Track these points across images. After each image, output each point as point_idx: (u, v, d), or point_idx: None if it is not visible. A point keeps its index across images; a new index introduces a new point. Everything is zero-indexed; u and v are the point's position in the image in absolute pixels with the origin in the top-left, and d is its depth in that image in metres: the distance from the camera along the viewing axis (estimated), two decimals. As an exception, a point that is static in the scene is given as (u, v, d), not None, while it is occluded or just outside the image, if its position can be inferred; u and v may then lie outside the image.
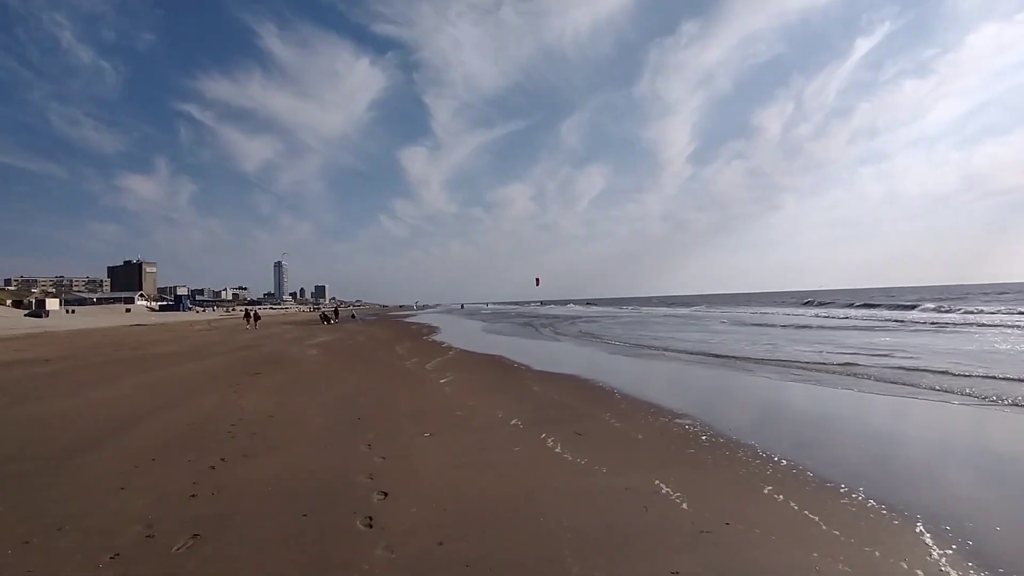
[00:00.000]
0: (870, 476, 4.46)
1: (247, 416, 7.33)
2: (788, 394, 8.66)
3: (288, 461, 5.20)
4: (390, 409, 7.75)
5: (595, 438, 5.87)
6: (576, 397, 8.47)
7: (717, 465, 4.84)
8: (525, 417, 6.98)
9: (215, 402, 8.45)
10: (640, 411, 7.29)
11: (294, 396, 9.00)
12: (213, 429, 6.59)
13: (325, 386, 10.09)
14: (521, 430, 6.31)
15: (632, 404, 7.81)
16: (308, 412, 7.58)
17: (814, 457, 5.03)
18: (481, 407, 7.72)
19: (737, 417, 6.96)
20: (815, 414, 7.27)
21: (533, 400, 8.32)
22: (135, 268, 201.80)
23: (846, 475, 4.47)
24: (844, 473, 4.53)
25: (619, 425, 6.46)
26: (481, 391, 9.22)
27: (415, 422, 6.86)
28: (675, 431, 6.14)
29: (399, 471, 4.82)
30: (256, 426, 6.72)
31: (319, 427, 6.65)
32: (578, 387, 9.57)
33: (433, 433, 6.21)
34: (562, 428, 6.31)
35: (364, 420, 6.97)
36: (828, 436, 6.02)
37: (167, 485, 4.53)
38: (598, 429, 6.30)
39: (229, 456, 5.37)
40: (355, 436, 6.14)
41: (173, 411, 7.79)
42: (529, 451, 5.41)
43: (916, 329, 20.93)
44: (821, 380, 9.45)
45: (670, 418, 6.78)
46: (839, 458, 5.07)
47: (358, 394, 9.04)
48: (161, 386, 10.40)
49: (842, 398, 8.06)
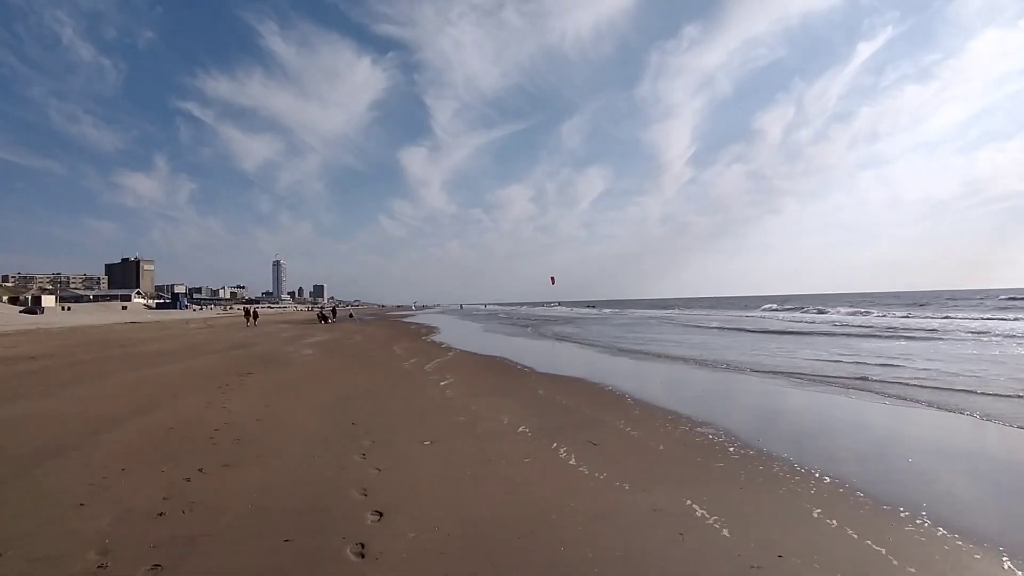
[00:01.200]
0: (927, 496, 3.96)
1: (233, 420, 6.80)
2: (806, 401, 8.14)
3: (273, 472, 4.67)
4: (387, 413, 7.23)
5: (612, 448, 5.36)
6: (585, 402, 7.95)
7: (752, 482, 4.33)
8: (532, 423, 6.47)
9: (201, 404, 7.92)
10: (656, 418, 6.78)
11: (285, 398, 8.47)
12: (195, 434, 6.06)
13: (319, 388, 9.57)
14: (530, 438, 5.80)
15: (647, 410, 7.30)
16: (299, 416, 7.06)
17: (857, 473, 4.52)
18: (484, 412, 7.21)
19: (762, 427, 6.45)
20: (839, 423, 6.75)
21: (539, 404, 7.81)
22: (133, 266, 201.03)
23: (900, 495, 3.97)
24: (897, 493, 4.03)
25: (636, 434, 5.95)
26: (484, 394, 8.70)
27: (414, 428, 6.35)
28: (698, 441, 5.62)
29: (396, 486, 4.30)
30: (241, 431, 6.20)
31: (310, 433, 6.12)
32: (586, 391, 9.05)
33: (433, 441, 5.70)
34: (574, 436, 5.80)
35: (359, 425, 6.45)
36: (862, 448, 5.50)
37: (134, 500, 4.01)
38: (614, 438, 5.78)
39: (208, 466, 4.85)
40: (348, 444, 5.62)
41: (155, 413, 7.26)
42: (540, 463, 4.90)
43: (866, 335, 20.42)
44: (830, 386, 8.95)
45: (690, 426, 6.27)
46: (884, 474, 4.55)
47: (353, 397, 8.52)
48: (146, 386, 9.86)
49: (858, 407, 7.54)
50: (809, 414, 7.32)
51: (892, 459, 5.06)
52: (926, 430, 6.34)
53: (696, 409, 7.25)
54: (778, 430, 6.30)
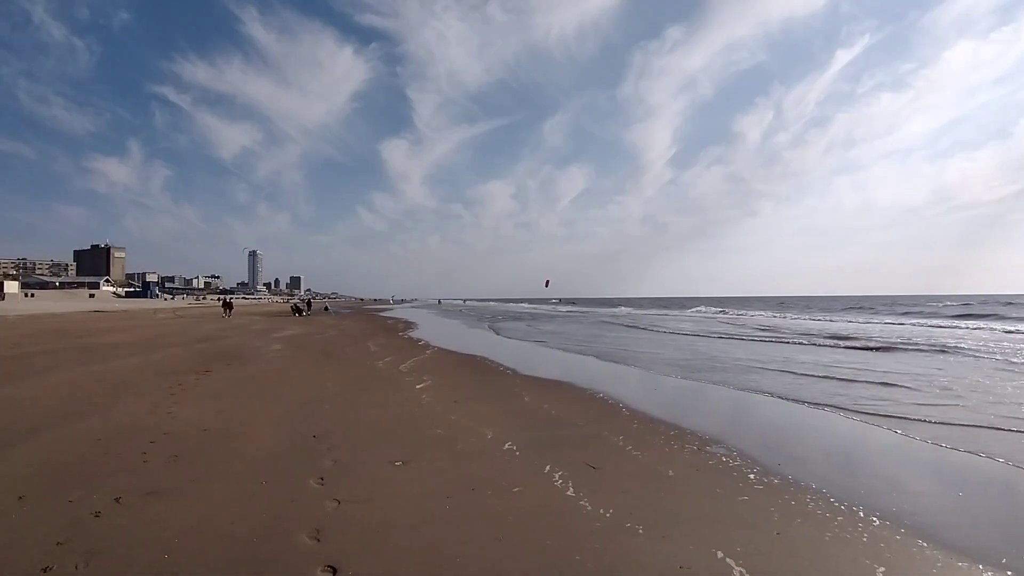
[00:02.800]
0: (1005, 544, 3.29)
1: (176, 429, 5.91)
2: (804, 414, 7.51)
3: (207, 503, 3.83)
4: (355, 423, 6.40)
5: (615, 474, 4.61)
6: (577, 411, 7.21)
7: (788, 522, 3.62)
8: (520, 439, 5.70)
9: (144, 408, 6.98)
10: (658, 433, 6.07)
11: (242, 402, 7.57)
12: (126, 447, 5.17)
13: (282, 389, 8.67)
14: (518, 459, 5.03)
15: (645, 423, 6.58)
16: (254, 425, 6.19)
17: (907, 510, 3.85)
18: (465, 423, 6.42)
19: (775, 446, 5.78)
20: (843, 441, 6.11)
21: (526, 414, 7.04)
22: (103, 253, 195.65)
23: (976, 544, 3.29)
24: (970, 540, 3.35)
25: (640, 455, 5.22)
26: (464, 400, 7.90)
27: (384, 443, 5.53)
28: (712, 465, 4.91)
29: (357, 526, 3.49)
30: (182, 444, 5.31)
31: (262, 448, 5.27)
32: (575, 398, 8.32)
33: (406, 461, 4.89)
34: (569, 457, 5.05)
35: (321, 439, 5.61)
36: (890, 476, 4.85)
37: (16, 548, 3.14)
38: (615, 459, 5.04)
39: (130, 493, 3.98)
40: (306, 463, 4.79)
41: (86, 420, 6.32)
42: (533, 493, 4.13)
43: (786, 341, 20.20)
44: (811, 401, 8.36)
45: (698, 445, 5.57)
46: (941, 515, 3.88)
47: (319, 401, 7.65)
48: (89, 384, 8.86)
49: (852, 424, 6.94)
50: (807, 428, 6.67)
51: (933, 492, 4.41)
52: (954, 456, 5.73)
53: (694, 420, 6.58)
54: (791, 450, 5.62)
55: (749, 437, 6.03)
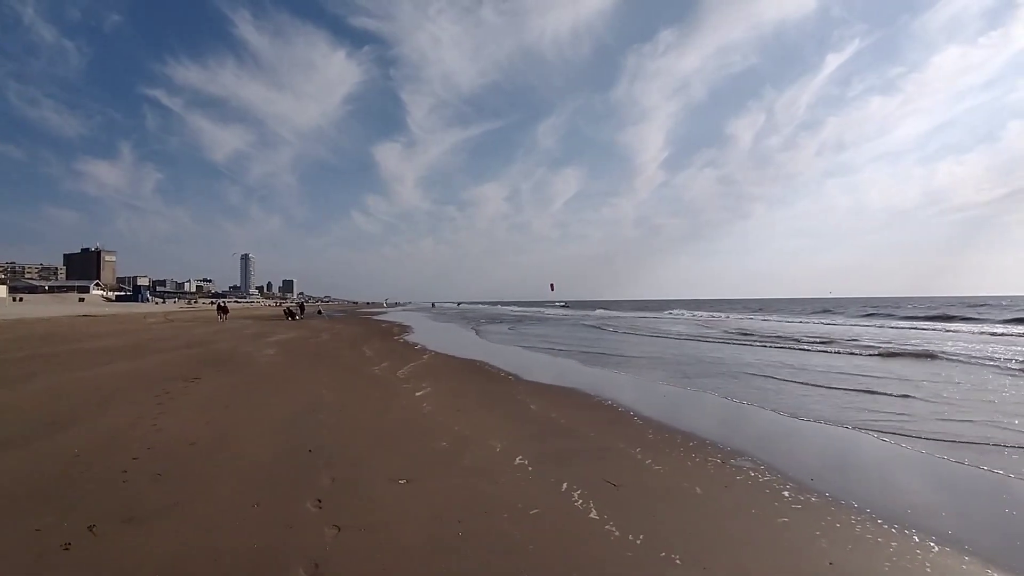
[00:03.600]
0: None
1: (161, 443, 5.51)
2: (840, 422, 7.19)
3: (191, 532, 3.43)
4: (353, 434, 6.01)
5: (638, 492, 4.26)
6: (586, 420, 6.85)
7: (839, 549, 3.27)
8: (531, 451, 5.34)
9: (129, 419, 6.56)
10: (674, 444, 5.72)
11: (233, 412, 7.16)
12: (106, 464, 4.76)
13: (275, 398, 8.25)
14: (531, 474, 4.66)
15: (659, 433, 6.23)
16: (245, 438, 5.78)
17: (964, 534, 3.51)
18: (471, 434, 6.05)
19: (801, 458, 5.44)
20: (857, 449, 5.78)
21: (534, 424, 6.68)
22: (93, 256, 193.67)
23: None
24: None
25: (661, 469, 4.86)
26: (467, 409, 7.53)
27: (385, 457, 5.15)
28: (741, 481, 4.56)
29: (361, 556, 3.11)
30: (167, 460, 4.91)
31: (254, 464, 4.87)
32: (582, 405, 7.97)
33: (411, 479, 4.51)
34: (586, 472, 4.69)
35: (318, 453, 5.22)
36: (919, 487, 4.52)
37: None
38: (635, 475, 4.68)
39: (105, 519, 3.58)
40: (302, 481, 4.40)
41: (66, 432, 5.90)
42: (553, 516, 3.76)
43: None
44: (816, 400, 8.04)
45: (721, 457, 5.22)
46: (1003, 539, 3.55)
47: (315, 410, 7.25)
48: (72, 393, 8.42)
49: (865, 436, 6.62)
50: (826, 439, 6.33)
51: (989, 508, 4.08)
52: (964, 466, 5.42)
53: (708, 429, 6.24)
54: (817, 462, 5.29)
55: (771, 448, 5.70)
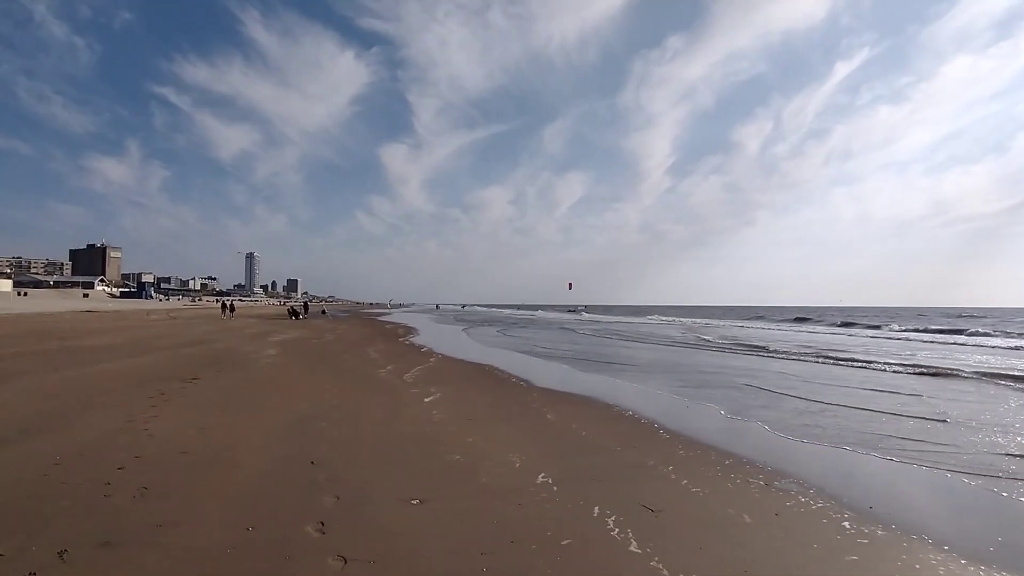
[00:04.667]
0: None
1: (150, 451, 5.06)
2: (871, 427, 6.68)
3: (173, 561, 2.97)
4: (358, 445, 5.55)
5: (680, 519, 3.78)
6: (609, 433, 6.38)
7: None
8: (554, 469, 4.86)
9: (118, 423, 6.12)
10: (709, 462, 5.24)
11: (231, 416, 6.71)
12: (87, 475, 4.31)
13: (276, 402, 7.80)
14: (558, 496, 4.19)
15: (690, 448, 5.76)
16: (241, 447, 5.33)
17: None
18: (486, 447, 5.58)
19: (848, 481, 4.96)
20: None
21: (553, 436, 6.21)
22: (99, 252, 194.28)
23: None
24: None
25: (700, 492, 4.38)
26: (480, 418, 7.06)
27: (394, 472, 4.69)
28: (791, 508, 4.08)
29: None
30: (155, 473, 4.46)
31: (250, 478, 4.42)
32: (602, 416, 7.49)
33: (423, 499, 4.04)
34: (618, 494, 4.22)
35: (321, 466, 4.76)
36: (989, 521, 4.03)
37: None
38: (673, 499, 4.20)
39: (79, 543, 3.13)
40: (302, 500, 3.94)
41: (48, 437, 5.46)
42: (589, 548, 3.29)
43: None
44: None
45: (763, 479, 4.73)
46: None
47: (317, 417, 6.79)
48: (61, 393, 7.99)
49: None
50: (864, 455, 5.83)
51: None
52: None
53: (743, 445, 5.76)
54: (869, 487, 4.80)
55: (813, 469, 5.21)
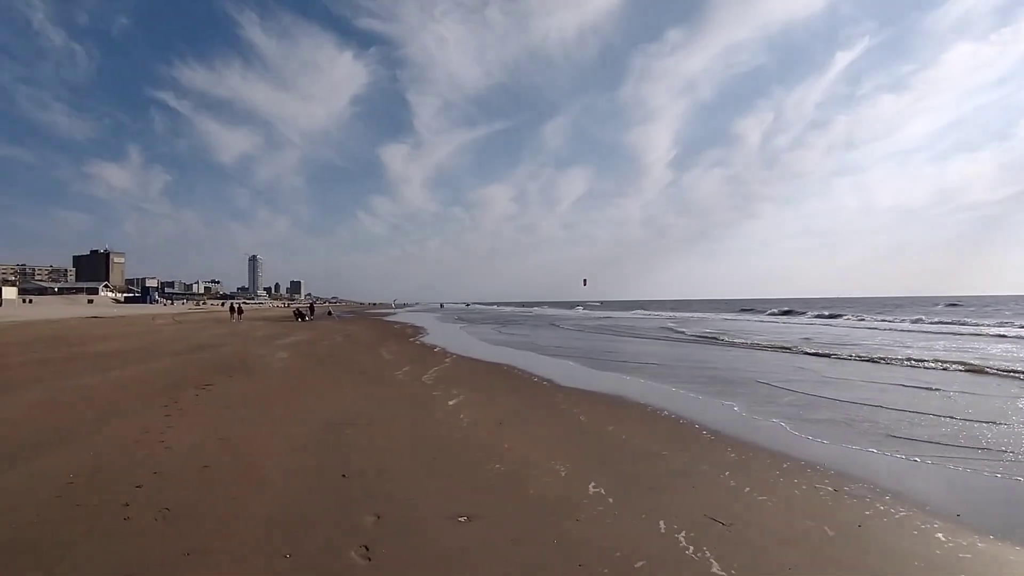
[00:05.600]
0: None
1: (170, 466, 4.73)
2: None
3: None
4: (390, 455, 5.21)
5: (754, 533, 3.42)
6: (649, 435, 6.04)
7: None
8: (603, 476, 4.52)
9: (133, 435, 5.80)
10: (764, 465, 4.90)
11: (250, 426, 6.38)
12: (105, 494, 3.99)
13: (295, 408, 7.48)
14: (615, 508, 3.84)
15: (741, 450, 5.41)
16: (266, 459, 5.00)
17: None
18: (525, 452, 5.24)
19: (917, 484, 4.60)
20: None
21: (592, 440, 5.87)
22: (102, 258, 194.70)
23: None
24: None
25: (766, 499, 4.02)
26: (511, 422, 6.72)
27: (433, 484, 4.35)
28: (871, 517, 3.72)
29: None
30: (178, 488, 4.14)
31: (280, 496, 4.08)
32: (637, 417, 7.14)
33: (471, 515, 3.70)
34: (679, 504, 3.87)
35: (353, 478, 4.43)
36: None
37: None
38: (740, 508, 3.85)
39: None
40: (340, 519, 3.61)
41: (60, 452, 5.14)
42: (665, 570, 2.93)
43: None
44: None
45: (830, 484, 4.38)
46: None
47: (341, 423, 6.46)
48: (72, 402, 7.68)
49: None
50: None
51: None
52: None
53: (793, 444, 5.41)
54: (945, 491, 4.44)
55: (876, 470, 4.85)
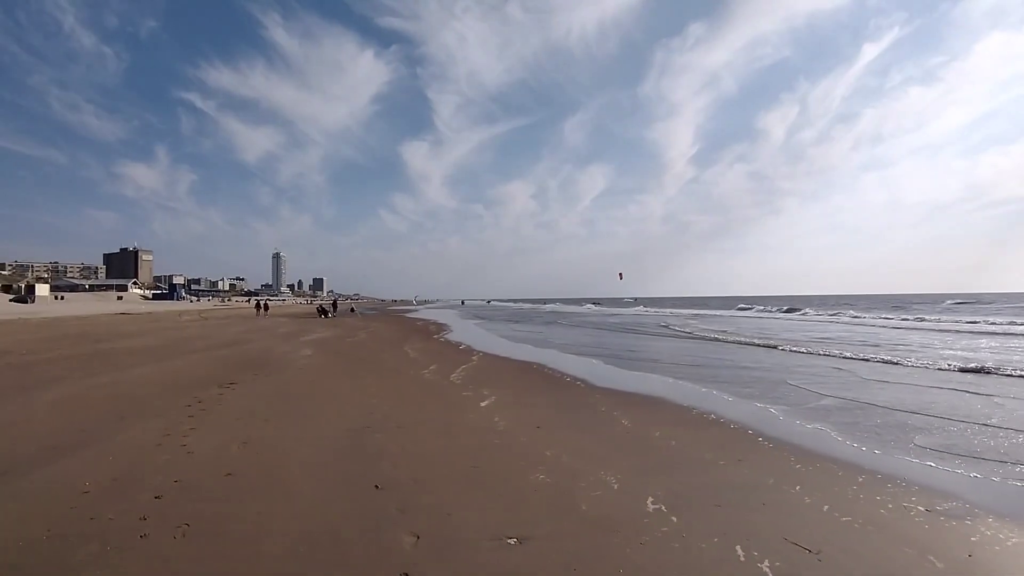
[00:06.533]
0: None
1: (191, 473, 4.43)
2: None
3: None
4: (424, 463, 4.83)
5: (849, 563, 2.96)
6: (699, 441, 5.57)
7: None
8: (660, 490, 4.08)
9: (153, 437, 5.54)
10: (836, 477, 4.41)
11: (275, 427, 6.08)
12: (122, 506, 3.68)
13: (321, 409, 7.17)
14: (681, 530, 3.40)
15: (805, 460, 4.91)
16: (292, 466, 4.67)
17: None
18: (571, 463, 4.82)
19: (1010, 498, 4.07)
20: None
21: (639, 447, 5.42)
22: (131, 256, 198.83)
23: None
24: None
25: (850, 520, 3.54)
26: (549, 426, 6.31)
27: (475, 498, 3.96)
28: (980, 543, 3.23)
29: None
30: (200, 499, 3.81)
31: (310, 511, 3.73)
32: (682, 420, 6.68)
33: (521, 536, 3.30)
34: (753, 525, 3.42)
35: (386, 489, 4.07)
36: None
37: None
38: (825, 532, 3.37)
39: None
40: (376, 538, 3.24)
41: (78, 456, 4.88)
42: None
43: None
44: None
45: (919, 502, 3.89)
46: None
47: (369, 427, 6.12)
48: (95, 400, 7.49)
49: None
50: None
51: None
52: None
53: (859, 454, 4.90)
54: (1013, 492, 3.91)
55: (958, 481, 4.33)
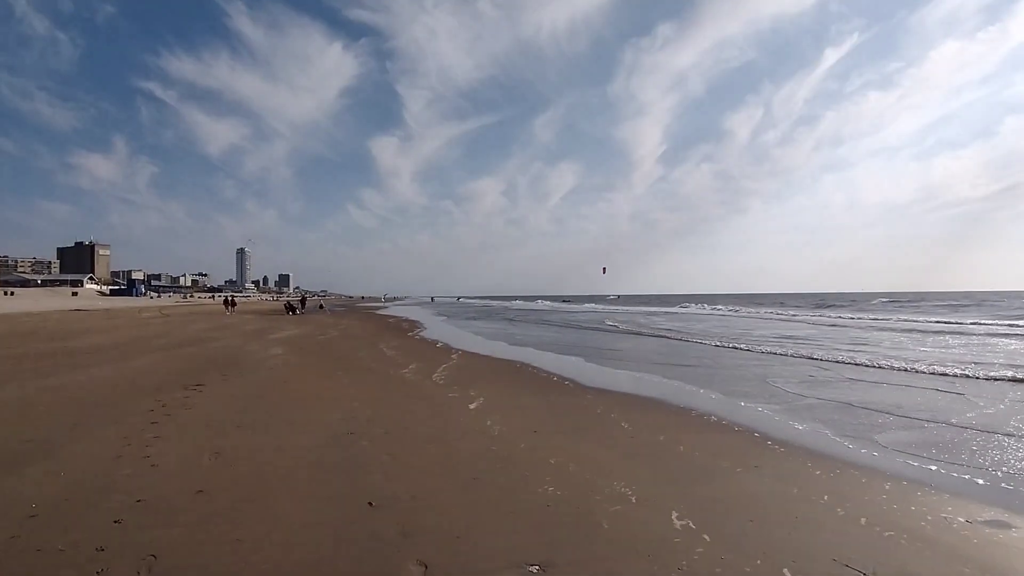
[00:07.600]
0: None
1: (156, 490, 3.90)
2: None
3: None
4: (421, 475, 4.39)
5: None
6: (707, 446, 5.28)
7: None
8: (683, 504, 3.75)
9: (112, 447, 4.95)
10: (861, 485, 4.16)
11: (250, 435, 5.54)
12: (73, 536, 3.15)
13: (300, 413, 6.63)
14: (719, 552, 3.06)
15: (825, 465, 4.66)
16: (273, 481, 4.18)
17: None
18: (580, 473, 4.45)
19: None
20: None
21: (648, 454, 5.09)
22: (87, 250, 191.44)
23: None
24: None
25: (897, 537, 3.26)
26: (546, 430, 5.94)
27: (482, 517, 3.55)
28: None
29: None
30: (166, 525, 3.31)
31: (297, 536, 3.26)
32: (687, 424, 6.39)
33: (544, 564, 2.91)
34: (793, 544, 3.11)
35: (383, 509, 3.63)
36: None
37: None
38: (874, 551, 3.08)
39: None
40: (375, 570, 2.81)
41: (22, 472, 4.28)
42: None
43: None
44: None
45: (959, 512, 3.64)
46: None
47: (354, 433, 5.64)
48: (45, 404, 6.80)
49: None
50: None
51: None
52: None
53: (883, 460, 4.68)
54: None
55: (979, 486, 4.13)
